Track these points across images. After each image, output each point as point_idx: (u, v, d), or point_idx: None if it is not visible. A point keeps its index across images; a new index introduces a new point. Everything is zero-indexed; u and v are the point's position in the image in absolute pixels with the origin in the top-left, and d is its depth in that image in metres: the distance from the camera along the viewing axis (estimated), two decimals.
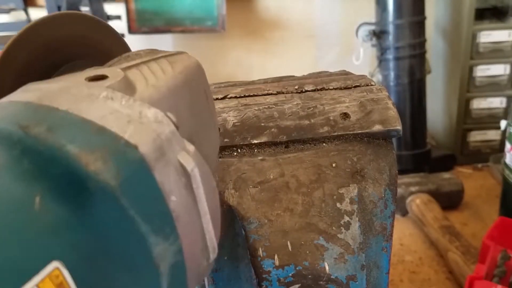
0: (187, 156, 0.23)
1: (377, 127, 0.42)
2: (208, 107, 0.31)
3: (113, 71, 0.25)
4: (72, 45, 0.32)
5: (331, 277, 0.39)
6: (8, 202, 0.19)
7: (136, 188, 0.20)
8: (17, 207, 0.19)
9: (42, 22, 0.29)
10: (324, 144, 0.42)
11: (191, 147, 0.23)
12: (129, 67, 0.26)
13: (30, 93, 0.23)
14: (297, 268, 0.39)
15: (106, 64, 0.29)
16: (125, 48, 0.35)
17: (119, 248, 0.20)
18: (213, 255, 0.25)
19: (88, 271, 0.19)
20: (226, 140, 0.41)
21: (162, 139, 0.22)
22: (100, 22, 0.33)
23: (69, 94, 0.22)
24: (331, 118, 0.42)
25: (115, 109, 0.22)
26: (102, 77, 0.24)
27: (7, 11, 1.53)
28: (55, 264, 0.18)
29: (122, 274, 0.21)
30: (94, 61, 0.32)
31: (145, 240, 0.20)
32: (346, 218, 0.40)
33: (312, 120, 0.42)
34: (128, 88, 0.24)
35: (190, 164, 0.22)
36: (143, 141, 0.21)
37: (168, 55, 0.29)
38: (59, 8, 1.31)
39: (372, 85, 0.45)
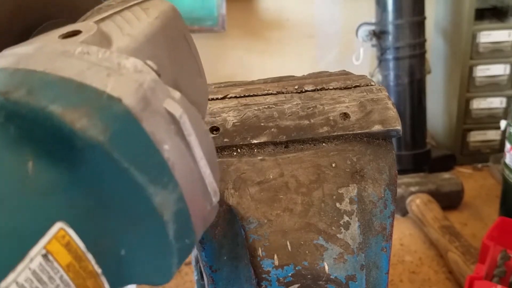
0: (173, 103, 0.22)
1: (377, 127, 0.42)
2: (190, 52, 0.30)
3: (86, 25, 0.24)
4: (44, 5, 0.31)
5: (331, 277, 0.39)
6: (2, 170, 0.19)
7: (127, 140, 0.20)
8: (12, 174, 0.19)
9: None
10: (323, 144, 0.42)
11: (176, 94, 0.23)
12: (102, 19, 0.25)
13: (5, 58, 0.22)
14: (296, 268, 0.39)
15: (79, 20, 0.28)
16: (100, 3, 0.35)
17: (120, 201, 0.20)
18: (215, 198, 0.25)
19: (92, 227, 0.19)
20: (225, 140, 0.41)
21: (145, 88, 0.21)
22: None
23: (43, 54, 0.22)
24: (331, 118, 0.42)
25: (93, 63, 0.21)
26: (76, 33, 0.24)
27: None
28: (59, 225, 0.18)
29: (128, 227, 0.20)
30: (69, 19, 0.31)
31: (144, 190, 0.20)
32: (346, 218, 0.40)
33: (312, 120, 0.42)
34: (103, 40, 0.23)
35: (177, 110, 0.22)
36: (126, 93, 0.20)
37: (140, 2, 0.28)
38: None
39: (372, 85, 0.45)
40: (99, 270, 0.20)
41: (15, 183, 0.18)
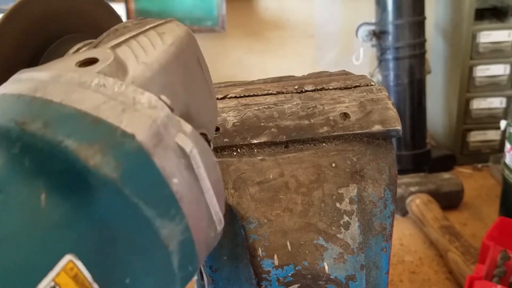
0: (184, 138, 0.23)
1: (377, 127, 0.42)
2: (203, 74, 0.31)
3: (103, 52, 0.25)
4: (64, 19, 0.31)
5: (331, 277, 0.39)
6: (15, 203, 0.19)
7: (137, 176, 0.20)
8: (25, 206, 0.19)
9: None
10: (323, 144, 0.42)
11: (187, 127, 0.23)
12: (118, 44, 0.26)
13: (23, 83, 0.22)
14: (296, 268, 0.39)
15: (95, 41, 0.28)
16: (117, 19, 0.35)
17: (127, 234, 0.20)
18: (219, 226, 0.25)
19: (100, 260, 0.20)
20: (226, 140, 0.41)
21: (158, 124, 0.22)
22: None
23: (61, 83, 0.22)
24: (331, 118, 0.42)
25: (108, 96, 0.22)
26: (93, 61, 0.24)
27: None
28: (68, 257, 0.19)
29: (133, 258, 0.21)
30: (86, 34, 0.32)
31: (152, 224, 0.20)
32: (346, 218, 0.40)
33: (312, 120, 0.42)
34: (119, 69, 0.24)
35: (188, 145, 0.23)
36: (140, 129, 0.21)
37: (156, 25, 0.28)
38: None
39: (372, 85, 0.45)
40: None
41: (28, 216, 0.19)
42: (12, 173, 0.19)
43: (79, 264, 0.19)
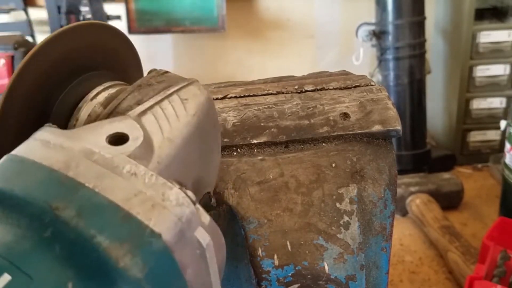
0: (203, 232, 0.24)
1: (377, 127, 0.42)
2: (217, 136, 0.32)
3: (131, 126, 0.26)
4: (89, 55, 0.32)
5: (331, 277, 0.39)
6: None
7: (159, 274, 0.21)
8: None
9: (62, 33, 0.29)
10: (323, 144, 0.42)
11: (206, 218, 0.24)
12: (144, 112, 0.27)
13: (52, 152, 0.23)
14: (296, 268, 0.39)
15: (118, 97, 0.29)
16: (135, 56, 0.35)
17: None
18: None
19: None
20: (226, 140, 0.41)
21: (183, 222, 0.23)
22: (114, 30, 0.33)
23: (93, 164, 0.23)
24: (331, 118, 0.42)
25: (139, 189, 0.22)
26: (123, 137, 0.25)
27: (7, 11, 1.53)
28: None
29: None
30: (109, 71, 0.33)
31: None
32: (346, 218, 0.40)
33: (312, 120, 0.42)
34: (147, 150, 0.25)
35: (206, 239, 0.24)
36: (166, 228, 0.22)
37: (179, 88, 0.29)
38: (58, 8, 1.31)
39: (372, 85, 0.45)
40: None
41: None
42: (42, 258, 0.20)
43: None
